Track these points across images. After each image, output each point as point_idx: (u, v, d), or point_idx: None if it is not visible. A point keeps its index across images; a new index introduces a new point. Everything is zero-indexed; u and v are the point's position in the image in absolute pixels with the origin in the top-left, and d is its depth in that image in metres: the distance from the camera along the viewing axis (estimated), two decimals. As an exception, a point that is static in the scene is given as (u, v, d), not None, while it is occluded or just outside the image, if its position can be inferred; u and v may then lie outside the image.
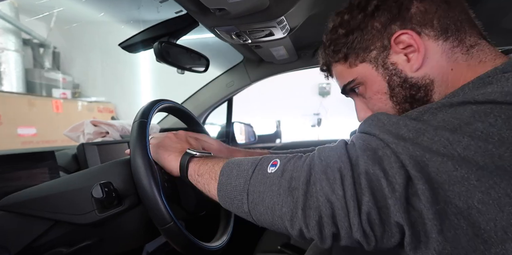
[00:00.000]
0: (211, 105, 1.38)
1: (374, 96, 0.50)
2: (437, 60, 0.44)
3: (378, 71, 0.48)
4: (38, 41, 3.73)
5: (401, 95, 0.47)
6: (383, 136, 0.34)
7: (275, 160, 0.41)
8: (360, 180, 0.33)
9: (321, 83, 4.52)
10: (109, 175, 0.52)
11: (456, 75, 0.43)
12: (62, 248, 0.51)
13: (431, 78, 0.45)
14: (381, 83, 0.48)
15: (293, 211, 0.35)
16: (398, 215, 0.31)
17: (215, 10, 0.65)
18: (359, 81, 0.50)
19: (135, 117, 0.54)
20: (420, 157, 0.31)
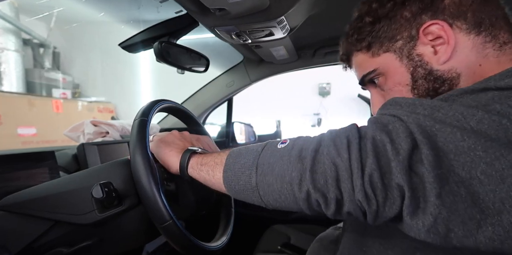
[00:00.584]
0: (211, 105, 1.38)
1: (395, 88, 0.48)
2: (467, 54, 0.43)
3: (402, 62, 0.46)
4: (38, 41, 3.73)
5: (423, 87, 0.45)
6: (397, 112, 0.35)
7: (284, 139, 0.42)
8: (366, 145, 0.33)
9: (321, 83, 4.52)
10: (109, 175, 0.52)
11: (484, 71, 0.42)
12: (62, 248, 0.51)
13: (458, 72, 0.43)
14: (403, 74, 0.46)
15: (301, 175, 0.36)
16: (399, 177, 0.31)
17: (215, 10, 0.65)
18: (380, 71, 0.49)
19: (136, 116, 0.54)
20: (430, 126, 0.31)
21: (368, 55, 0.49)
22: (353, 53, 0.52)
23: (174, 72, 0.88)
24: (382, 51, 0.47)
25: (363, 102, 3.42)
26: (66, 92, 3.93)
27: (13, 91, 3.22)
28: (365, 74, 0.50)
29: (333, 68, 1.26)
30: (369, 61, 0.49)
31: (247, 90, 1.38)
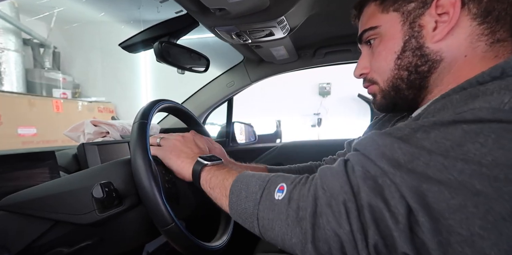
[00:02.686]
0: (211, 105, 1.38)
1: (383, 52, 0.48)
2: (459, 41, 0.42)
3: (403, 28, 0.46)
4: (38, 41, 3.73)
5: (407, 60, 0.46)
6: (380, 163, 0.34)
7: (281, 184, 0.42)
8: (364, 213, 0.33)
9: (321, 83, 4.52)
10: (109, 175, 0.52)
11: (466, 64, 0.42)
12: (62, 248, 0.51)
13: (442, 57, 0.43)
14: (397, 41, 0.46)
15: (302, 243, 0.36)
16: (405, 247, 0.31)
17: (215, 10, 0.65)
18: (379, 31, 0.48)
19: (135, 118, 0.54)
20: (418, 187, 0.31)
21: (379, 9, 0.49)
22: (368, 2, 0.51)
23: (174, 72, 0.88)
24: (393, 9, 0.47)
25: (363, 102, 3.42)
26: (66, 92, 3.93)
27: (13, 91, 3.22)
28: (367, 29, 0.50)
29: (333, 68, 1.26)
30: (377, 16, 0.49)
31: (248, 90, 1.38)
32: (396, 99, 0.50)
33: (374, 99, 0.54)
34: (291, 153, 1.40)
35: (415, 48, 0.45)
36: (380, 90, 0.51)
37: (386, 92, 0.50)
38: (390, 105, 0.52)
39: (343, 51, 1.17)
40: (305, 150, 1.40)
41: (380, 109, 0.54)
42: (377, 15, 0.49)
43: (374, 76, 0.52)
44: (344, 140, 0.77)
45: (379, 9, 0.49)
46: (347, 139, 0.78)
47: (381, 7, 0.48)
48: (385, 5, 0.48)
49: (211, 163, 0.54)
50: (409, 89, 0.48)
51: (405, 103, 0.51)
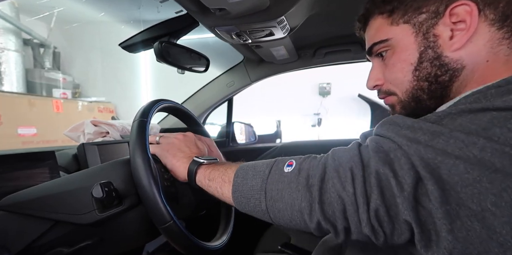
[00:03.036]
0: (211, 105, 1.38)
1: (398, 64, 0.46)
2: (479, 47, 0.41)
3: (416, 39, 0.44)
4: (38, 41, 3.73)
5: (426, 71, 0.44)
6: (397, 139, 0.34)
7: (290, 160, 0.43)
8: (370, 179, 0.34)
9: (321, 83, 4.52)
10: (109, 175, 0.52)
11: (489, 69, 0.41)
12: (62, 248, 0.51)
13: (463, 65, 0.42)
14: (412, 52, 0.45)
15: (311, 205, 0.37)
16: (406, 213, 0.31)
17: (215, 10, 0.65)
18: (391, 43, 0.47)
19: (135, 116, 0.54)
20: (432, 159, 0.31)
21: (387, 22, 0.47)
22: (373, 15, 0.49)
23: (174, 73, 0.88)
24: (403, 21, 0.45)
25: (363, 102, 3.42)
26: (66, 92, 3.93)
27: (13, 91, 3.22)
28: (376, 42, 0.48)
29: (334, 68, 1.27)
30: (386, 28, 0.47)
31: (248, 90, 1.38)
32: (416, 110, 0.48)
33: (393, 110, 0.51)
34: (291, 153, 1.39)
35: (432, 58, 0.44)
36: (399, 101, 0.49)
37: (406, 103, 0.48)
38: (411, 115, 0.50)
39: (343, 51, 1.17)
40: (305, 150, 1.39)
41: None
42: (385, 28, 0.47)
43: (391, 88, 0.49)
44: (344, 140, 0.77)
45: (387, 22, 0.47)
46: (347, 139, 0.78)
47: (390, 20, 0.47)
48: (393, 18, 0.46)
49: (208, 161, 0.54)
50: (430, 99, 0.46)
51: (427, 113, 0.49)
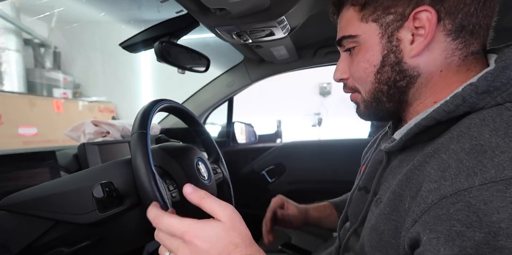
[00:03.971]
0: (211, 105, 1.38)
1: (362, 63, 0.47)
2: (435, 56, 0.42)
3: (381, 41, 0.45)
4: (39, 41, 3.74)
5: (386, 75, 0.45)
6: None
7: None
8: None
9: (321, 83, 4.52)
10: (110, 175, 0.52)
11: (442, 78, 0.43)
12: (62, 247, 0.51)
13: (419, 72, 0.43)
14: (376, 54, 0.45)
15: None
16: None
17: (216, 10, 0.65)
18: (358, 40, 0.47)
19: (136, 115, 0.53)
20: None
21: (358, 16, 0.47)
22: (346, 4, 0.49)
23: (174, 72, 0.88)
24: (372, 19, 0.45)
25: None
26: (67, 92, 3.93)
27: (14, 91, 3.23)
28: (345, 36, 0.48)
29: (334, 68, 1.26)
30: (355, 23, 0.47)
31: (248, 90, 1.38)
32: (377, 110, 0.49)
33: (358, 109, 0.53)
34: (292, 153, 1.40)
35: (393, 63, 0.44)
36: (362, 100, 0.50)
37: (368, 103, 0.50)
38: (373, 115, 0.52)
39: (343, 51, 1.17)
40: (306, 150, 1.40)
41: (364, 119, 0.54)
42: (355, 23, 0.47)
43: (356, 85, 0.50)
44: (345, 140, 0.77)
45: (358, 16, 0.47)
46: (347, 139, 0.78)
47: (360, 15, 0.46)
48: (364, 14, 0.46)
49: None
50: (389, 102, 0.47)
51: (387, 114, 0.50)
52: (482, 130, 0.34)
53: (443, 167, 0.34)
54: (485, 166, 0.31)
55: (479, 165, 0.31)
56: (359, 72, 0.48)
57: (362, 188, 0.54)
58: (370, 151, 0.65)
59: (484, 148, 0.32)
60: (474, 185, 0.30)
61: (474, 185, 0.30)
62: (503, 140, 0.32)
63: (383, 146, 0.48)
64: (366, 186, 0.53)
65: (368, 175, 0.53)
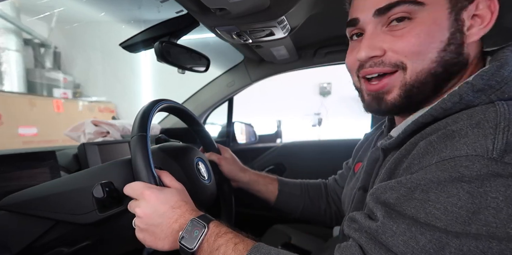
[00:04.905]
0: (211, 105, 1.38)
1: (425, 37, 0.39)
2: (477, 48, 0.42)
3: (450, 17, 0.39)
4: (39, 41, 3.74)
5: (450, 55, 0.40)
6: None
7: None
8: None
9: (321, 83, 4.52)
10: (110, 175, 0.52)
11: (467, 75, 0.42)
12: (63, 247, 0.51)
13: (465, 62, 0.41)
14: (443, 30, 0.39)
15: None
16: None
17: (216, 10, 0.65)
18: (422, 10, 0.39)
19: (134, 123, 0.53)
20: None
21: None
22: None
23: (174, 72, 0.88)
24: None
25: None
26: (67, 92, 3.93)
27: (14, 91, 3.23)
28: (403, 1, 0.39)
29: (334, 68, 1.26)
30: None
31: (248, 90, 1.38)
32: (411, 99, 0.42)
33: (385, 96, 0.43)
34: (292, 153, 1.40)
35: (458, 44, 0.40)
36: (403, 84, 0.42)
37: (409, 87, 0.41)
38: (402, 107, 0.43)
39: (343, 51, 1.15)
40: (306, 150, 1.40)
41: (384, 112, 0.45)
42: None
43: (404, 60, 0.41)
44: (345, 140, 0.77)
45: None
46: (347, 139, 0.78)
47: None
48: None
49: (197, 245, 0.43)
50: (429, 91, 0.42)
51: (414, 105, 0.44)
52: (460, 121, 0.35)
53: (418, 150, 0.37)
54: (446, 148, 0.34)
55: (442, 147, 0.34)
56: (417, 47, 0.40)
57: (361, 187, 0.54)
58: (363, 148, 0.65)
59: (453, 133, 0.34)
60: (431, 163, 0.34)
61: (431, 163, 0.34)
62: (472, 129, 0.33)
63: (380, 143, 0.48)
64: (365, 185, 0.53)
65: (366, 174, 0.53)
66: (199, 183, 0.62)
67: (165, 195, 0.47)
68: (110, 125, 1.01)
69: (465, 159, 0.31)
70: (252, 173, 0.80)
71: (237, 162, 0.80)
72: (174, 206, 0.46)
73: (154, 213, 0.46)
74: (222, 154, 0.79)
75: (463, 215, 0.30)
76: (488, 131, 0.32)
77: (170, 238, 0.45)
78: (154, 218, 0.46)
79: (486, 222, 0.29)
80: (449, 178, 0.31)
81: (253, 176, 0.79)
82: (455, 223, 0.30)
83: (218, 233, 0.44)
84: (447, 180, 0.32)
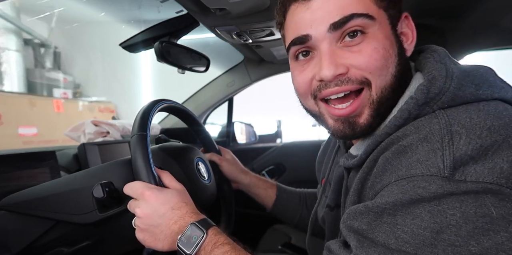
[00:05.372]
0: (211, 105, 1.38)
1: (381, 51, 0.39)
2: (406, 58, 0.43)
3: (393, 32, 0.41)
4: (39, 41, 3.74)
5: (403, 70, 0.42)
6: None
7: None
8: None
9: (321, 83, 4.51)
10: (110, 175, 0.52)
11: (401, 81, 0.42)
12: (63, 247, 0.51)
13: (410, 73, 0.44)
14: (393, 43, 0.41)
15: None
16: None
17: (216, 10, 0.65)
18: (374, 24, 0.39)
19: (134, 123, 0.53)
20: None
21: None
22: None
23: (174, 72, 0.88)
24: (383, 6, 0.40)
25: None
26: (67, 92, 3.93)
27: (14, 91, 3.23)
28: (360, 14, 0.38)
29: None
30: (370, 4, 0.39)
31: (248, 90, 1.38)
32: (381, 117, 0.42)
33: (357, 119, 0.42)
34: (292, 153, 1.40)
35: (404, 58, 0.42)
36: (370, 102, 0.41)
37: (377, 105, 0.41)
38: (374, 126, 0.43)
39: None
40: (305, 150, 1.40)
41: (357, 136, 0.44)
42: (370, 3, 0.39)
43: (368, 76, 0.40)
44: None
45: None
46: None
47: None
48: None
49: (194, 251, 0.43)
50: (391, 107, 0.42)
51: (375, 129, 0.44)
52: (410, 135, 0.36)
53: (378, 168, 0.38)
54: (401, 165, 0.34)
55: (398, 164, 0.35)
56: (379, 61, 0.39)
57: (333, 207, 0.54)
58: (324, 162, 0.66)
59: (406, 149, 0.35)
60: (391, 181, 0.34)
61: (391, 182, 0.34)
62: (421, 144, 0.34)
63: (341, 161, 0.48)
64: (337, 203, 0.54)
65: (334, 193, 0.54)
66: (199, 183, 0.62)
67: (165, 195, 0.47)
68: (110, 125, 1.01)
69: (421, 179, 0.32)
70: (253, 175, 0.80)
71: (238, 163, 0.80)
72: (174, 207, 0.47)
73: (154, 213, 0.46)
74: (223, 155, 0.79)
75: (428, 236, 0.30)
76: (436, 146, 0.33)
77: (169, 239, 0.46)
78: (154, 219, 0.46)
79: (450, 241, 0.29)
80: (410, 200, 0.32)
81: (254, 179, 0.79)
82: (423, 246, 0.30)
83: (215, 243, 0.44)
84: (409, 201, 0.32)
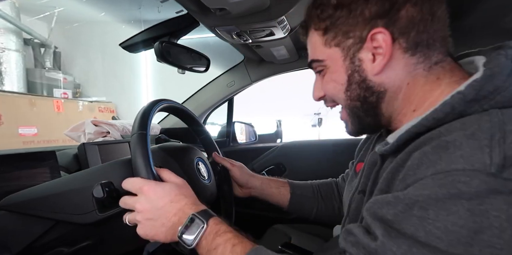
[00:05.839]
0: (212, 105, 1.38)
1: (332, 83, 0.50)
2: (397, 72, 0.45)
3: (344, 63, 0.47)
4: (39, 41, 3.73)
5: (355, 92, 0.48)
6: None
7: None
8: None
9: (321, 83, 4.51)
10: (110, 175, 0.52)
11: (410, 90, 0.45)
12: (63, 247, 0.51)
13: (385, 88, 0.46)
14: (341, 74, 0.48)
15: None
16: None
17: (216, 10, 0.65)
18: (325, 64, 0.50)
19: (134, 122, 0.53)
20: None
21: (321, 41, 0.49)
22: (310, 29, 0.51)
23: (174, 72, 0.88)
24: (334, 44, 0.48)
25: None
26: (67, 92, 3.93)
27: (14, 91, 3.22)
28: (314, 60, 0.51)
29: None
30: (321, 48, 0.50)
31: (248, 90, 1.38)
32: (361, 125, 0.51)
33: (347, 128, 0.55)
34: (292, 153, 1.40)
35: (359, 81, 0.47)
36: (348, 116, 0.52)
37: (353, 118, 0.51)
38: (360, 130, 0.53)
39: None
40: (306, 149, 1.40)
41: (352, 135, 0.55)
42: (320, 48, 0.50)
43: (334, 99, 0.53)
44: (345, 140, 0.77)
45: (322, 41, 0.49)
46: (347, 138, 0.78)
47: (323, 39, 0.49)
48: (327, 39, 0.48)
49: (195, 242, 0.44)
50: (367, 117, 0.50)
51: (372, 128, 0.53)
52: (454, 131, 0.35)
53: (413, 161, 0.37)
54: (441, 159, 0.33)
55: (437, 159, 0.34)
56: (330, 91, 0.51)
57: (360, 191, 0.54)
58: (364, 148, 0.65)
59: (448, 144, 0.34)
60: (426, 175, 0.33)
61: (426, 175, 0.33)
62: (467, 140, 0.33)
63: (377, 148, 0.48)
64: (364, 189, 0.53)
65: (365, 178, 0.54)
66: (199, 183, 0.62)
67: (163, 189, 0.48)
68: (110, 125, 1.01)
69: (463, 173, 0.30)
70: (261, 177, 0.80)
71: (246, 168, 0.81)
72: (173, 200, 0.47)
73: (153, 207, 0.47)
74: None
75: (465, 235, 0.29)
76: (484, 143, 0.31)
77: (171, 231, 0.46)
78: (153, 212, 0.47)
79: (490, 243, 0.28)
80: (448, 195, 0.30)
81: (265, 180, 0.79)
82: (457, 243, 0.29)
83: (217, 232, 0.44)
84: (446, 196, 0.30)
